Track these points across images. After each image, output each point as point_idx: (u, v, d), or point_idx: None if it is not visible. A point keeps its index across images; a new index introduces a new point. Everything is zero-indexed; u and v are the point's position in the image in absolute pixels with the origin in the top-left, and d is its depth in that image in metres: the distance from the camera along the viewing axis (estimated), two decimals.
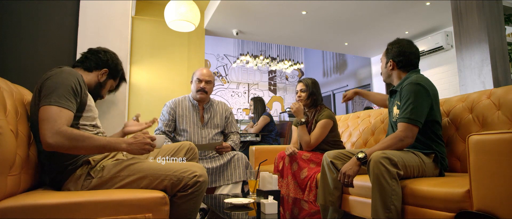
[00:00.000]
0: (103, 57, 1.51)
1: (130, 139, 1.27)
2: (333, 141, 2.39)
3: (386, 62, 1.80)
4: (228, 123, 2.48)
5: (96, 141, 1.18)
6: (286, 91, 9.14)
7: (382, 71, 1.85)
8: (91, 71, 1.48)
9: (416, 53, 1.75)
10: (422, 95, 1.57)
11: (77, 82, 1.24)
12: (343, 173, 1.60)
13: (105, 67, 1.50)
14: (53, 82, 1.19)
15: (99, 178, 1.24)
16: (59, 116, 1.13)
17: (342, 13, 4.83)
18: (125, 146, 1.24)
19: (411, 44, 1.75)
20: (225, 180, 2.21)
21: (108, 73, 1.52)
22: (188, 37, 5.00)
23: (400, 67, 1.75)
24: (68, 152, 1.18)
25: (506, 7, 2.87)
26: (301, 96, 2.44)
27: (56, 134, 1.11)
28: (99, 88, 1.51)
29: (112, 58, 1.54)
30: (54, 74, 1.21)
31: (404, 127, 1.56)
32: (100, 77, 1.50)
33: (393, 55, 1.75)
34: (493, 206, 1.07)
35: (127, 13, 2.14)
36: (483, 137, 1.12)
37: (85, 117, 1.32)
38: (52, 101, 1.15)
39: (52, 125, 1.11)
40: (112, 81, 1.56)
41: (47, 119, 1.12)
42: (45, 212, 1.00)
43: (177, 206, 1.25)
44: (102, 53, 1.52)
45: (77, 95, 1.24)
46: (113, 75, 1.55)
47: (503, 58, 2.61)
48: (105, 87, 1.54)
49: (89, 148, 1.18)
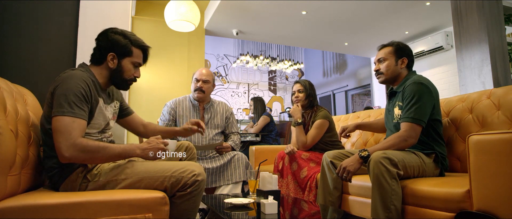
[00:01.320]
0: (102, 42, 1.34)
1: (144, 145, 1.27)
2: (331, 141, 2.39)
3: (397, 59, 1.75)
4: (228, 124, 2.48)
5: (111, 151, 1.18)
6: (286, 91, 9.14)
7: (388, 70, 1.76)
8: (101, 63, 1.34)
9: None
10: (426, 94, 1.57)
11: (86, 87, 1.21)
12: (343, 167, 1.61)
13: (109, 51, 1.32)
14: (63, 90, 1.17)
15: (95, 182, 1.23)
16: (72, 127, 1.13)
17: (342, 13, 4.83)
18: (139, 152, 1.24)
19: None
20: (225, 180, 2.21)
21: (117, 54, 1.33)
22: (188, 37, 5.00)
23: (409, 66, 1.77)
24: (85, 163, 1.20)
25: (506, 7, 2.87)
26: (299, 96, 2.45)
27: (71, 147, 1.11)
28: (118, 75, 1.35)
29: (110, 38, 1.33)
30: (64, 80, 1.19)
31: (408, 126, 1.56)
32: (111, 64, 1.33)
33: (406, 54, 1.76)
34: (493, 206, 1.07)
35: (127, 13, 2.14)
36: (483, 137, 1.12)
37: (92, 124, 1.28)
38: (65, 111, 1.13)
39: (67, 137, 1.11)
40: (128, 60, 1.35)
41: (61, 132, 1.12)
42: (45, 212, 1.00)
43: (176, 206, 1.25)
44: (100, 38, 1.35)
45: (88, 100, 1.22)
46: (124, 53, 1.34)
47: (503, 58, 2.61)
48: (125, 70, 1.36)
49: (105, 159, 1.19)
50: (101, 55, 1.33)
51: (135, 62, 1.37)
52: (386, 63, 1.77)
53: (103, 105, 1.34)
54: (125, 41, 1.34)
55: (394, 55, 1.77)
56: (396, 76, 1.77)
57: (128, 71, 1.36)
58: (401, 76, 1.77)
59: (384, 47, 1.81)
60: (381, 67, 1.79)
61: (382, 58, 1.79)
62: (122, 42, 1.33)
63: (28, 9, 1.92)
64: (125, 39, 1.34)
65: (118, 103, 1.52)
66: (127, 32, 1.37)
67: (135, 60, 1.37)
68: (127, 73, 1.36)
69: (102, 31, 1.36)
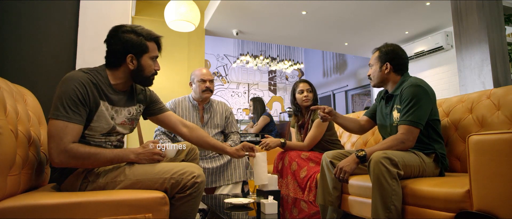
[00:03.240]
0: (116, 45, 1.27)
1: (139, 149, 1.27)
2: (331, 140, 2.40)
3: (381, 65, 1.75)
4: (228, 123, 2.48)
5: (102, 156, 1.18)
6: (286, 91, 9.14)
7: (374, 76, 1.78)
8: (119, 66, 1.29)
9: (407, 56, 1.79)
10: (424, 96, 1.57)
11: (84, 90, 1.18)
12: (340, 168, 1.62)
13: (126, 53, 1.27)
14: (60, 92, 1.16)
15: (95, 182, 1.22)
16: (65, 132, 1.12)
17: (342, 13, 4.83)
18: (133, 157, 1.25)
19: (400, 47, 1.79)
20: (225, 180, 2.21)
21: (134, 54, 1.28)
22: (188, 37, 5.00)
23: (396, 70, 1.74)
24: (76, 167, 1.20)
25: (506, 7, 2.87)
26: (308, 96, 2.42)
27: (61, 153, 1.11)
28: (140, 74, 1.31)
29: (123, 39, 1.26)
30: (63, 82, 1.18)
31: (406, 129, 1.56)
32: (131, 65, 1.29)
33: (390, 58, 1.74)
34: (493, 206, 1.07)
35: (127, 13, 2.14)
36: (483, 137, 1.12)
37: (92, 127, 1.24)
38: (59, 114, 1.13)
39: (58, 143, 1.11)
40: (146, 56, 1.31)
41: (53, 136, 1.12)
42: (45, 212, 1.00)
43: (175, 208, 1.24)
44: (112, 42, 1.28)
45: (85, 104, 1.19)
46: (141, 51, 1.29)
47: (503, 58, 2.61)
48: (145, 67, 1.31)
49: (96, 164, 1.19)
50: (118, 59, 1.28)
51: (152, 56, 1.34)
52: (372, 69, 1.80)
53: (107, 108, 1.27)
54: (138, 39, 1.28)
55: (378, 61, 1.77)
56: (384, 81, 1.77)
57: (149, 67, 1.33)
58: (390, 80, 1.75)
59: (376, 51, 1.82)
60: (370, 72, 1.82)
61: (370, 63, 1.82)
62: (136, 40, 1.28)
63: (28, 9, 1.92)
64: (138, 36, 1.29)
65: (142, 107, 1.46)
66: (135, 27, 1.32)
67: (153, 55, 1.34)
68: (148, 70, 1.33)
69: (111, 32, 1.29)
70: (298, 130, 2.52)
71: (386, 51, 1.75)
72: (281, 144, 2.35)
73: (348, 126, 1.95)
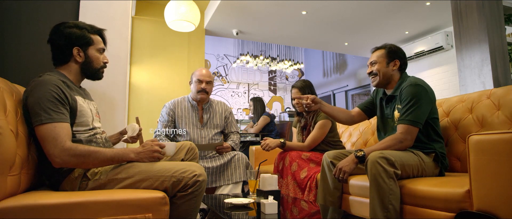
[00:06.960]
0: (59, 40, 1.28)
1: (138, 148, 1.27)
2: (333, 141, 2.39)
3: (388, 62, 1.75)
4: (227, 123, 2.48)
5: (102, 155, 1.18)
6: (286, 91, 9.14)
7: (381, 71, 1.75)
8: (68, 61, 1.31)
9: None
10: (423, 96, 1.57)
11: (58, 90, 1.18)
12: (339, 168, 1.62)
13: (72, 46, 1.29)
14: (35, 98, 1.14)
15: (95, 181, 1.22)
16: (56, 133, 1.12)
17: (342, 13, 4.83)
18: (133, 155, 1.25)
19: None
20: (225, 180, 2.21)
21: (80, 46, 1.31)
22: (188, 37, 5.00)
23: (401, 68, 1.76)
24: (77, 167, 1.19)
25: (506, 7, 2.87)
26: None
27: (62, 152, 1.11)
28: (89, 66, 1.34)
29: (66, 33, 1.28)
30: (33, 89, 1.17)
31: (404, 129, 1.56)
32: (78, 58, 1.31)
33: (398, 56, 1.75)
34: (493, 206, 1.07)
35: (127, 13, 2.14)
36: (483, 137, 1.12)
37: (78, 123, 1.27)
38: (43, 119, 1.12)
39: (54, 144, 1.11)
40: (92, 48, 1.34)
41: (47, 140, 1.12)
42: (45, 212, 1.00)
43: (177, 207, 1.24)
44: (54, 37, 1.29)
45: (64, 102, 1.20)
46: (86, 43, 1.32)
47: (503, 58, 2.61)
48: (94, 59, 1.34)
49: (97, 163, 1.19)
50: (64, 53, 1.30)
51: (99, 48, 1.36)
52: (378, 66, 1.77)
53: (84, 102, 1.31)
54: (82, 31, 1.31)
55: (385, 58, 1.76)
56: (389, 78, 1.76)
57: (97, 59, 1.36)
58: (394, 79, 1.75)
59: (377, 49, 1.81)
60: (374, 69, 1.78)
61: (374, 61, 1.79)
62: (79, 33, 1.30)
63: (28, 9, 1.92)
64: (81, 29, 1.31)
65: (96, 104, 1.50)
66: (77, 22, 1.35)
67: (99, 47, 1.36)
68: (96, 62, 1.36)
69: (53, 29, 1.31)
70: (300, 130, 2.52)
71: (394, 49, 1.77)
72: (281, 144, 2.35)
73: (337, 115, 1.94)
